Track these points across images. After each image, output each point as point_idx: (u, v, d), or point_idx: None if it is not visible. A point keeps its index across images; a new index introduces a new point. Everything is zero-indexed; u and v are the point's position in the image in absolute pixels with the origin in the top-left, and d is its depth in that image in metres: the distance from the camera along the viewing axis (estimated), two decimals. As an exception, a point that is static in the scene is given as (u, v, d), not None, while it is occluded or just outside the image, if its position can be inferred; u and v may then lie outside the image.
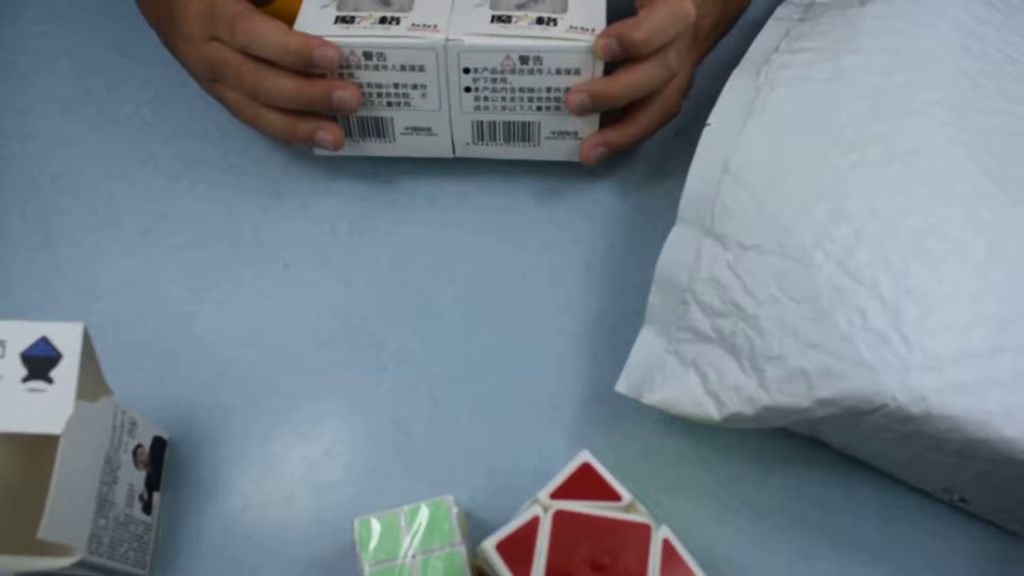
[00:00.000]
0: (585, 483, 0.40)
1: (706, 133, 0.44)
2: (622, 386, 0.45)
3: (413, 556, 0.40)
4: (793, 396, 0.39)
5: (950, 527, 0.44)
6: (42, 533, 0.35)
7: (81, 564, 0.38)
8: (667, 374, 0.44)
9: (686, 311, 0.43)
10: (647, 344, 0.45)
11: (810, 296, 0.39)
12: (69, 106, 0.57)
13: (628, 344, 0.49)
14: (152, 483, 0.45)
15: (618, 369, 0.48)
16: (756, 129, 0.43)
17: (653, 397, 0.44)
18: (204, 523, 0.46)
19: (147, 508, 0.44)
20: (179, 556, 0.45)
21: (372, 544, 0.40)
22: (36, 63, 0.59)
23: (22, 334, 0.37)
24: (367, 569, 0.40)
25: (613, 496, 0.40)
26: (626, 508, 0.39)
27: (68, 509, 0.37)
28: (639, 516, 0.39)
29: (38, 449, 0.40)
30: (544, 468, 0.46)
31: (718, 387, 0.42)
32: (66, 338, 0.38)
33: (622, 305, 0.50)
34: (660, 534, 0.38)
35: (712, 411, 0.42)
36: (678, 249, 0.43)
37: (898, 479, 0.45)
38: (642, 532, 0.38)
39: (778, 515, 0.45)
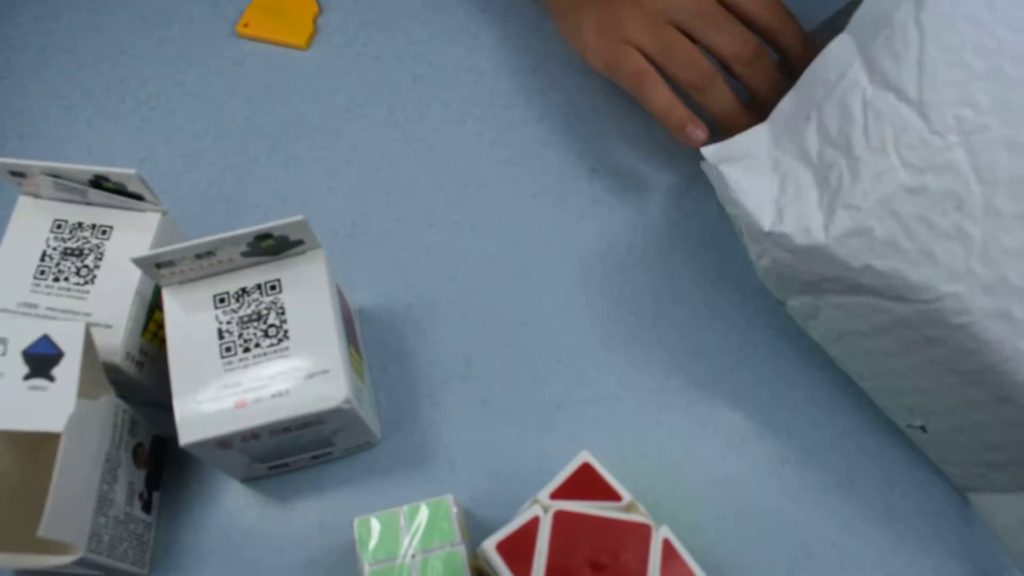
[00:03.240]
0: (585, 483, 0.40)
1: None
2: (711, 151, 0.43)
3: (413, 555, 0.40)
4: (848, 250, 0.38)
5: (952, 528, 0.45)
6: (42, 531, 0.35)
7: (81, 562, 0.38)
8: (756, 167, 0.42)
9: (807, 126, 0.41)
10: (758, 137, 0.43)
11: (919, 166, 0.37)
12: (68, 105, 0.57)
13: (628, 344, 0.49)
14: (152, 482, 0.45)
15: (618, 369, 0.48)
16: None
17: (730, 170, 0.42)
18: (204, 523, 0.46)
19: (147, 507, 0.44)
20: (179, 555, 0.45)
21: (372, 543, 0.40)
22: (35, 62, 0.59)
23: (24, 332, 0.37)
24: (367, 568, 0.40)
25: (613, 496, 0.40)
26: (626, 508, 0.39)
27: (68, 507, 0.37)
28: (639, 516, 0.39)
29: (39, 447, 0.40)
30: (544, 468, 0.46)
31: (787, 204, 0.41)
32: (67, 336, 0.38)
33: (622, 305, 0.50)
34: (660, 534, 0.38)
35: (766, 220, 0.41)
36: (832, 60, 0.41)
37: (867, 392, 0.45)
38: (642, 532, 0.38)
39: (778, 515, 0.45)
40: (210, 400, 0.40)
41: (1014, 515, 0.41)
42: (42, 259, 0.44)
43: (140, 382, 0.44)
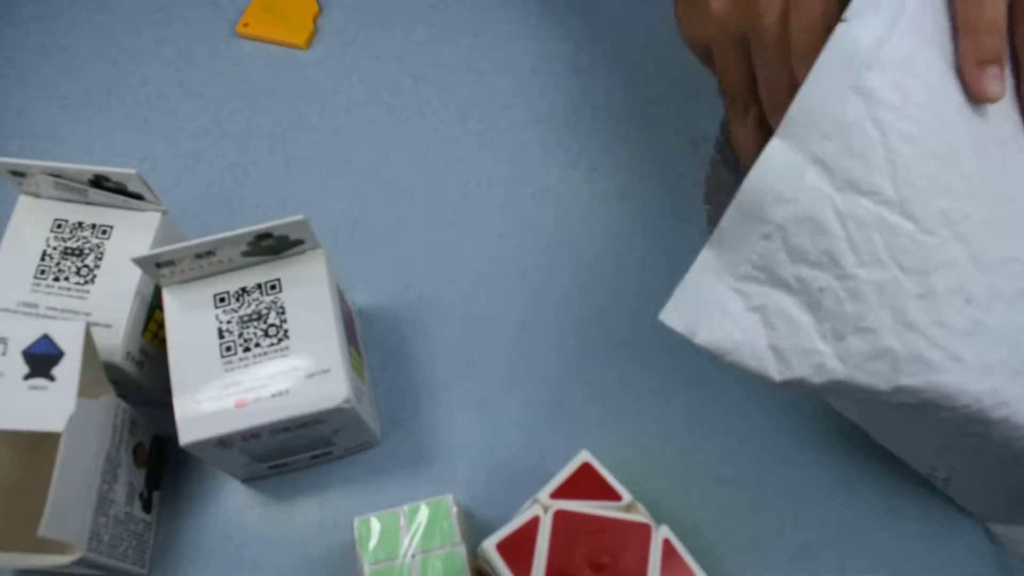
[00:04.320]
0: (585, 483, 0.40)
1: (840, 31, 0.34)
2: (671, 316, 0.37)
3: (413, 555, 0.40)
4: (873, 376, 0.35)
5: (952, 530, 0.45)
6: (42, 530, 0.35)
7: (81, 562, 0.38)
8: (729, 314, 0.37)
9: (767, 248, 0.36)
10: (707, 272, 0.37)
11: (922, 268, 0.34)
12: (68, 105, 0.57)
13: (628, 344, 0.49)
14: (152, 481, 0.45)
15: (618, 369, 0.48)
16: (911, 38, 0.34)
17: (710, 337, 0.37)
18: (204, 522, 0.46)
19: (147, 506, 0.44)
20: (179, 555, 0.45)
21: (372, 543, 0.40)
22: (35, 61, 0.59)
23: (24, 331, 0.37)
24: (367, 568, 0.40)
25: (613, 496, 0.40)
26: (626, 508, 0.39)
27: (68, 507, 0.37)
28: (639, 516, 0.39)
29: (39, 446, 0.40)
30: (544, 468, 0.46)
31: (785, 345, 0.36)
32: (68, 336, 0.38)
33: (622, 305, 0.50)
34: (660, 534, 0.38)
35: (772, 370, 0.36)
36: (774, 171, 0.35)
37: (886, 447, 0.44)
38: (642, 532, 0.38)
39: (778, 515, 0.45)
40: (210, 400, 0.40)
41: None
42: (42, 259, 0.44)
43: (140, 382, 0.44)
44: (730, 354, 0.37)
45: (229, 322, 0.41)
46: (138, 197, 0.44)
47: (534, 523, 0.38)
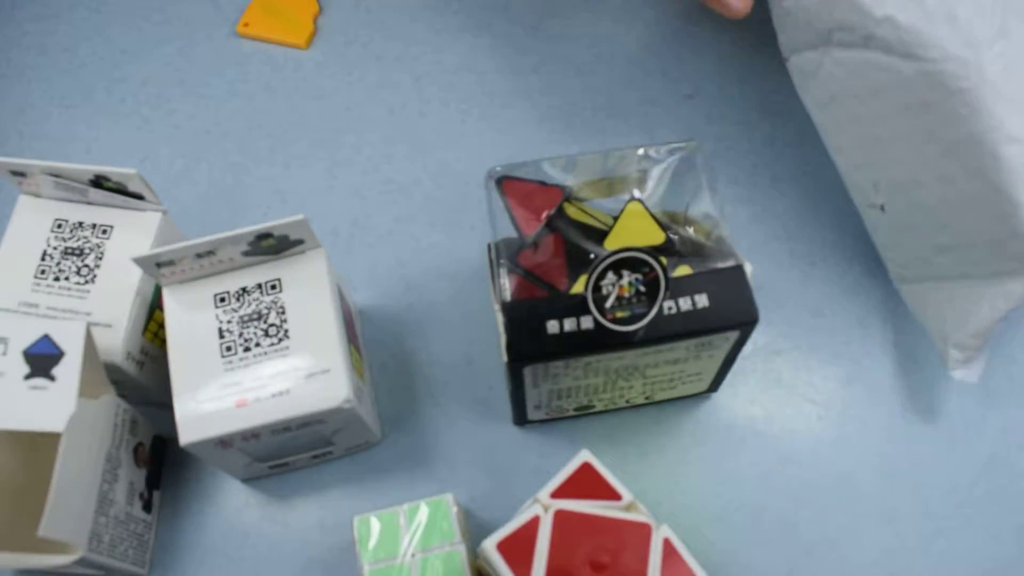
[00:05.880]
0: (585, 482, 0.40)
1: None
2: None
3: (412, 555, 0.40)
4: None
5: (950, 540, 0.45)
6: (43, 531, 0.35)
7: (81, 562, 0.38)
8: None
9: None
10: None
11: None
12: (68, 105, 0.57)
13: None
14: (152, 481, 0.45)
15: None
16: None
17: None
18: (204, 522, 0.46)
19: (147, 506, 0.44)
20: (179, 555, 0.45)
21: (372, 543, 0.40)
22: (35, 61, 0.59)
23: (24, 331, 0.37)
24: (366, 568, 0.40)
25: (613, 495, 0.40)
26: (626, 507, 0.39)
27: (69, 507, 0.37)
28: (639, 515, 0.39)
29: (39, 446, 0.40)
30: (544, 468, 0.46)
31: None
32: (68, 336, 0.38)
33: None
34: (660, 533, 0.38)
35: None
36: None
37: (839, 167, 0.46)
38: (642, 531, 0.38)
39: (778, 515, 0.45)
40: (210, 399, 0.40)
41: (945, 303, 0.43)
42: (43, 258, 0.44)
43: (141, 382, 0.44)
44: None
45: (229, 322, 0.41)
46: (138, 197, 0.44)
47: (534, 523, 0.38)
